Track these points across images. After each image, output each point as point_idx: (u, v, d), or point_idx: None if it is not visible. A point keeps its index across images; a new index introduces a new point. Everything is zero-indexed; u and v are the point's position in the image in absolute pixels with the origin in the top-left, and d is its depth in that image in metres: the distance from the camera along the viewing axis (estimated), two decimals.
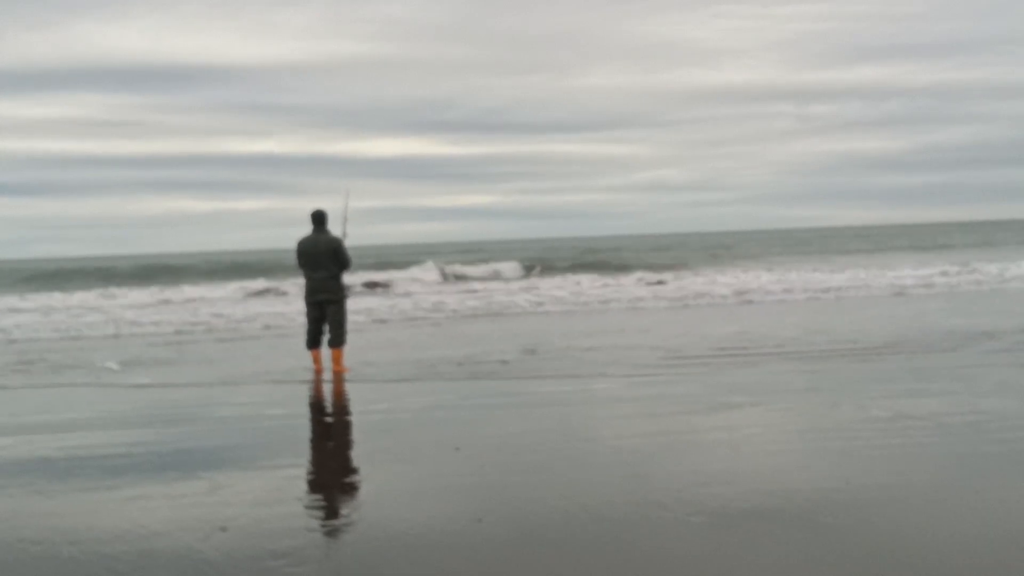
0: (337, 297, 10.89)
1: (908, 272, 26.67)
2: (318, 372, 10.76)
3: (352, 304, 12.96)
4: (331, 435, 7.46)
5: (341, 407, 8.88)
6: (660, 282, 26.12)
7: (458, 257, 49.89)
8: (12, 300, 25.28)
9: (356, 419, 8.33)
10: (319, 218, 10.90)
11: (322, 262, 10.82)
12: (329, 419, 8.21)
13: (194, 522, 5.04)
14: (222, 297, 25.90)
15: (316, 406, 8.93)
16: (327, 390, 9.83)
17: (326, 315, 10.92)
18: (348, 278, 12.16)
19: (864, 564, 4.13)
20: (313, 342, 10.95)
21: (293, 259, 11.23)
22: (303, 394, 9.58)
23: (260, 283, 28.87)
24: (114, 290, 28.85)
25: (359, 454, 6.92)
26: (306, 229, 11.00)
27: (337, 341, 10.85)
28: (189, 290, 27.67)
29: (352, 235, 11.40)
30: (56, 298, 26.07)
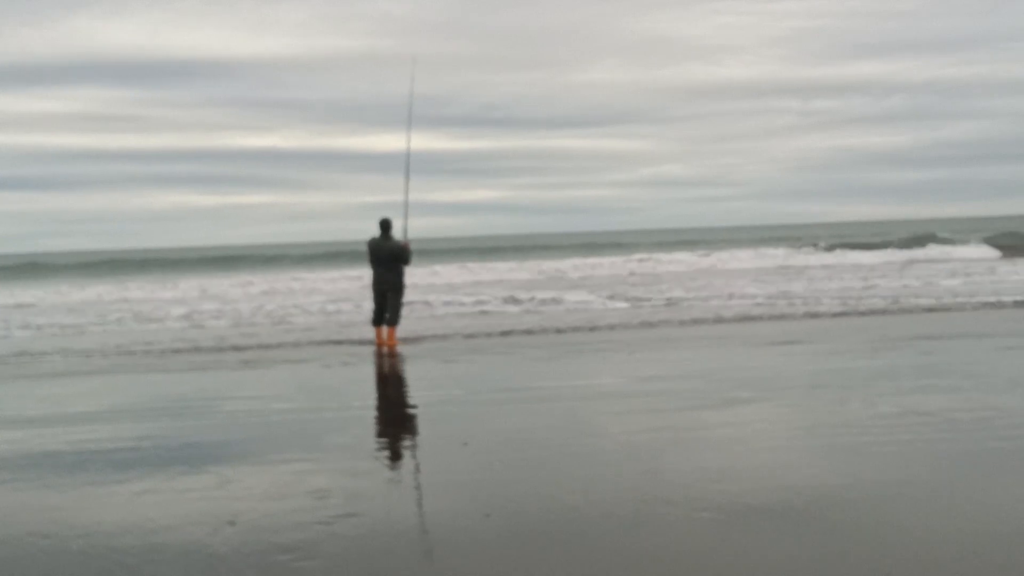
0: (397, 287, 13.30)
1: None
2: (380, 344, 13.05)
3: None
4: (339, 430, 7.45)
5: (348, 403, 8.89)
6: None
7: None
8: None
9: (364, 414, 8.33)
10: (386, 225, 13.36)
11: (385, 260, 13.29)
12: (337, 414, 8.21)
13: (202, 516, 5.05)
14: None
15: (323, 401, 8.93)
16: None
17: (387, 301, 13.23)
18: None
19: (873, 560, 4.12)
20: (377, 321, 13.30)
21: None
22: (309, 387, 9.58)
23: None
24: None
25: (367, 449, 6.92)
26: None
27: (393, 321, 13.22)
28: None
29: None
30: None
